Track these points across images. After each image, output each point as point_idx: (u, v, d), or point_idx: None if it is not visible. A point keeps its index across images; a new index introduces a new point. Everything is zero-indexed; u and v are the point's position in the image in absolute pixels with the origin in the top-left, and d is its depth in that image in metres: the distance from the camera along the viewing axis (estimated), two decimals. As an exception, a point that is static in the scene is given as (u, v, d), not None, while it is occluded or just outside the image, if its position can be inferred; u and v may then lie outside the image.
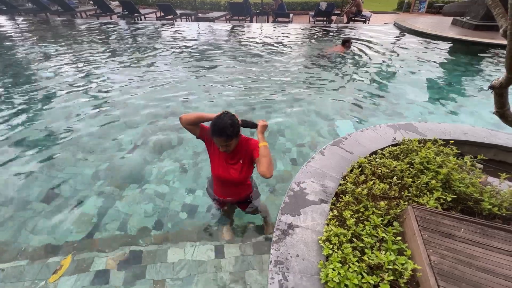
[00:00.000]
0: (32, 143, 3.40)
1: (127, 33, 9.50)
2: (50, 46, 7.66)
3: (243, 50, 7.46)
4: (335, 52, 6.98)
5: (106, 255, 2.06)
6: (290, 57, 6.90)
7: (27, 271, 1.95)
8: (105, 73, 5.68)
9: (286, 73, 5.82)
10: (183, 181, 2.84)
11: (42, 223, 2.33)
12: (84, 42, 8.10)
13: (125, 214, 2.43)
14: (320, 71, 5.91)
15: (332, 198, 1.92)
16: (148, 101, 4.46)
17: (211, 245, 2.15)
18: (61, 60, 6.51)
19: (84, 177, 2.85)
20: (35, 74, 5.61)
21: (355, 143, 2.59)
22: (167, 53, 7.12)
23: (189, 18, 12.35)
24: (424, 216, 1.58)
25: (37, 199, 2.57)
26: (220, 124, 1.41)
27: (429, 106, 4.38)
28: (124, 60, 6.56)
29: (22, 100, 4.46)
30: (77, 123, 3.81)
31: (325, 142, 3.29)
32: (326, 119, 4.01)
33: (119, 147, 3.33)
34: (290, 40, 8.58)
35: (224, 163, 1.63)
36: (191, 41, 8.31)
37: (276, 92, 4.88)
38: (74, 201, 2.55)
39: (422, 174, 1.92)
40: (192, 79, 5.44)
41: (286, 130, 3.74)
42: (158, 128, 3.74)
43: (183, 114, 1.57)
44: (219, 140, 1.45)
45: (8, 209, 2.46)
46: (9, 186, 2.71)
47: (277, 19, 11.33)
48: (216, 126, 1.41)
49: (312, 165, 2.26)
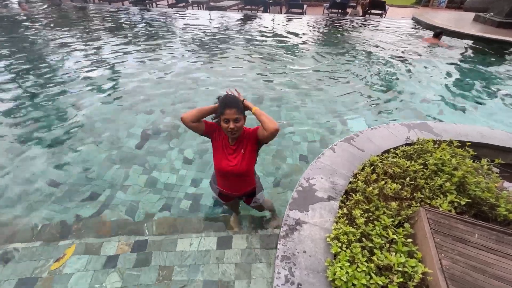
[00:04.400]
0: (45, 127, 3.46)
1: (139, 20, 9.45)
2: (63, 31, 7.70)
3: (255, 41, 7.33)
4: (428, 43, 7.07)
5: (114, 240, 2.10)
6: (302, 50, 6.75)
7: (40, 252, 2.01)
8: (116, 60, 5.69)
9: (297, 66, 5.71)
10: (190, 171, 2.85)
11: (54, 206, 2.39)
12: (96, 29, 8.10)
13: (133, 201, 2.46)
14: (333, 67, 5.77)
15: (341, 195, 1.89)
16: (157, 89, 4.46)
17: (217, 236, 2.17)
18: (73, 45, 6.55)
19: (95, 162, 2.90)
20: (48, 59, 5.67)
21: (367, 141, 2.53)
22: (178, 41, 7.07)
23: (201, 6, 12.18)
24: (436, 219, 1.54)
25: (50, 182, 2.63)
26: (231, 97, 1.52)
27: (445, 106, 4.23)
28: (134, 47, 6.54)
29: (36, 84, 4.52)
30: (89, 109, 3.85)
31: (335, 139, 3.24)
32: (337, 115, 3.93)
33: (129, 134, 3.36)
34: (303, 32, 8.38)
35: (227, 155, 1.62)
36: (202, 30, 8.21)
37: (287, 84, 4.80)
38: (84, 186, 2.60)
39: (436, 176, 1.87)
40: (202, 68, 5.40)
41: (296, 125, 3.69)
42: (167, 116, 3.74)
43: (184, 114, 1.55)
44: (231, 112, 1.45)
45: (23, 192, 2.53)
46: (23, 169, 2.78)
47: (290, 10, 11.06)
48: (228, 99, 1.50)
49: (322, 161, 2.22)
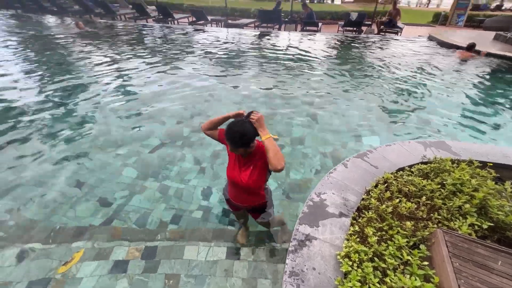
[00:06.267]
0: (67, 133, 3.66)
1: (161, 36, 10.00)
2: (91, 44, 8.27)
3: (269, 57, 7.53)
4: (461, 57, 7.19)
5: (125, 246, 2.14)
6: (317, 66, 6.84)
7: (54, 253, 2.07)
8: (138, 72, 6.00)
9: (311, 81, 5.77)
10: (201, 181, 2.88)
11: (70, 208, 2.48)
12: (122, 43, 8.64)
13: (144, 208, 2.51)
14: (347, 83, 5.79)
15: (353, 212, 1.84)
16: (175, 101, 4.63)
17: (225, 247, 2.15)
18: (100, 57, 7.00)
19: (112, 168, 3.01)
20: (76, 69, 6.07)
21: (381, 158, 2.48)
22: (196, 56, 7.38)
23: (219, 24, 12.74)
24: (455, 242, 1.46)
25: (67, 185, 2.74)
26: (232, 132, 1.44)
27: (464, 124, 4.10)
28: (156, 61, 6.89)
29: (63, 92, 4.83)
30: (109, 117, 4.05)
31: (348, 154, 3.20)
32: (350, 130, 3.90)
33: (145, 143, 3.48)
34: (318, 49, 8.52)
35: (238, 166, 1.64)
36: (219, 46, 8.55)
37: (300, 99, 4.84)
38: (99, 190, 2.69)
39: (454, 196, 1.79)
40: (218, 82, 5.57)
41: (308, 138, 3.69)
42: (183, 127, 3.85)
43: (202, 124, 1.69)
44: (230, 146, 1.51)
45: (42, 193, 2.65)
46: (43, 171, 2.93)
47: (306, 27, 11.33)
48: (229, 133, 1.44)
49: (334, 176, 2.19)
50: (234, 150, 1.53)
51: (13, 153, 3.20)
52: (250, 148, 1.55)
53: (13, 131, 3.61)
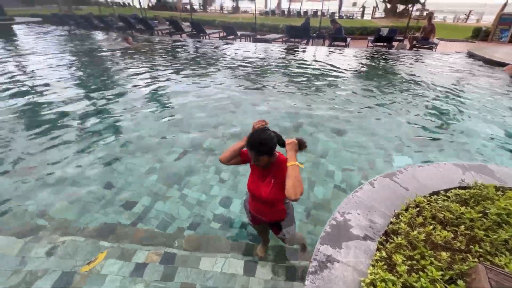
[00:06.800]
0: (103, 136, 3.94)
1: (193, 50, 10.59)
2: (132, 57, 8.99)
3: (296, 71, 7.58)
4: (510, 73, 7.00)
5: (145, 250, 2.19)
6: (344, 81, 6.73)
7: (80, 250, 2.18)
8: (169, 84, 6.36)
9: (337, 94, 5.67)
10: (222, 191, 2.90)
11: (99, 208, 2.62)
12: (157, 55, 9.29)
13: (166, 214, 2.58)
14: (376, 99, 5.60)
15: (380, 236, 1.72)
16: (201, 111, 4.80)
17: (242, 260, 2.11)
18: (138, 69, 7.56)
19: (139, 173, 3.15)
20: (116, 79, 6.60)
21: (412, 179, 2.31)
22: (224, 69, 7.66)
23: (248, 38, 13.20)
24: (501, 281, 1.29)
25: (99, 186, 2.92)
26: (254, 139, 1.47)
27: (509, 149, 3.72)
28: (186, 72, 7.27)
29: (100, 101, 5.25)
30: (140, 124, 4.30)
31: (375, 173, 3.04)
32: (378, 148, 3.72)
33: (171, 150, 3.62)
34: (345, 63, 8.42)
35: (259, 179, 1.63)
36: (247, 60, 8.81)
37: (326, 113, 4.76)
38: (126, 193, 2.82)
39: (499, 228, 1.60)
40: (243, 94, 5.70)
41: (332, 153, 3.58)
42: (207, 136, 3.96)
43: (220, 157, 1.66)
44: (250, 153, 1.50)
45: (77, 191, 2.84)
46: (79, 171, 3.15)
47: (333, 42, 11.30)
48: (251, 140, 1.48)
49: (360, 195, 2.08)
50: (257, 160, 1.51)
51: (56, 153, 3.50)
52: (273, 157, 1.53)
53: (58, 133, 3.97)
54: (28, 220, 2.47)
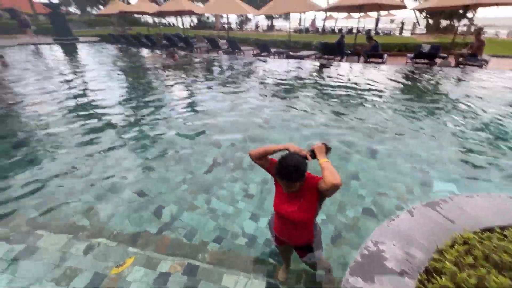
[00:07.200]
0: (142, 145, 4.23)
1: (227, 66, 11.10)
2: (171, 71, 9.72)
3: (328, 87, 7.47)
4: None
5: (170, 259, 2.23)
6: (379, 98, 6.45)
7: (113, 251, 2.31)
8: (204, 97, 6.69)
9: (371, 112, 5.43)
10: (248, 206, 2.88)
11: (131, 213, 2.77)
12: (195, 71, 9.90)
13: (193, 225, 2.62)
14: (416, 119, 5.23)
15: (420, 273, 1.53)
16: (232, 125, 4.92)
17: (264, 281, 2.04)
18: (176, 82, 8.12)
19: (170, 182, 3.29)
20: (156, 92, 7.15)
21: (459, 210, 2.06)
22: (256, 84, 7.85)
23: (281, 55, 13.48)
24: None
25: (133, 192, 3.10)
26: (285, 166, 1.40)
27: None
28: (220, 87, 7.61)
29: (142, 111, 5.70)
30: (175, 135, 4.54)
31: (414, 200, 2.80)
32: (418, 172, 3.42)
33: (202, 161, 3.73)
34: (381, 80, 8.09)
35: (285, 198, 1.58)
36: (279, 76, 8.94)
37: (360, 132, 4.57)
38: (157, 201, 2.95)
39: None
40: (274, 110, 5.74)
41: (364, 175, 3.38)
42: (237, 150, 4.02)
43: (252, 150, 1.65)
44: (281, 182, 1.46)
45: (113, 196, 3.05)
46: (119, 177, 3.39)
47: (369, 59, 10.99)
48: (280, 167, 1.42)
49: (396, 224, 1.90)
50: (288, 188, 1.48)
51: (100, 159, 3.84)
52: (301, 182, 1.49)
53: (101, 139, 4.37)
54: (71, 219, 2.70)
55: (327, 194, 1.49)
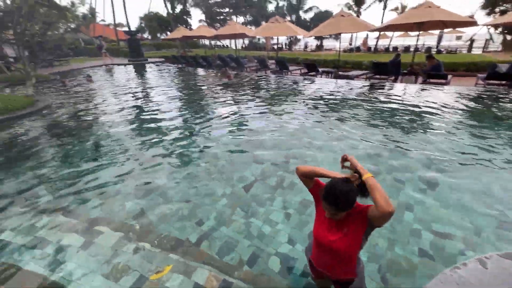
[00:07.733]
0: (191, 156, 4.54)
1: (275, 85, 11.39)
2: (223, 89, 10.43)
3: (379, 108, 7.01)
4: None
5: (206, 272, 2.27)
6: (440, 123, 5.76)
7: (156, 256, 2.46)
8: (250, 115, 6.93)
9: (430, 139, 4.85)
10: (286, 227, 2.79)
11: (176, 221, 2.94)
12: (244, 89, 10.43)
13: (230, 240, 2.64)
14: (487, 144, 4.50)
15: None
16: (276, 143, 4.94)
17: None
18: (227, 99, 8.65)
19: (213, 195, 3.42)
20: (209, 109, 7.72)
21: (552, 269, 1.64)
22: (302, 103, 7.83)
23: (329, 75, 13.29)
24: None
25: (179, 201, 3.30)
26: (335, 192, 1.31)
27: None
28: (266, 105, 7.80)
29: (195, 125, 6.17)
30: (221, 149, 4.76)
31: (486, 247, 2.35)
32: (491, 210, 2.88)
33: (242, 177, 3.81)
34: (444, 103, 7.23)
35: (328, 225, 1.46)
36: (326, 96, 8.77)
37: (414, 158, 4.11)
38: (199, 212, 3.08)
39: None
40: (318, 129, 5.60)
41: (419, 208, 2.99)
42: (278, 168, 4.00)
43: (300, 166, 1.60)
44: (328, 207, 1.36)
45: (163, 202, 3.30)
46: (171, 185, 3.67)
47: (428, 79, 10.00)
48: (330, 192, 1.32)
49: (462, 274, 1.61)
50: (335, 215, 1.38)
51: (152, 166, 4.24)
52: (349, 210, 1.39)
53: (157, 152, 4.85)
54: (124, 218, 3.00)
55: (378, 224, 1.34)
